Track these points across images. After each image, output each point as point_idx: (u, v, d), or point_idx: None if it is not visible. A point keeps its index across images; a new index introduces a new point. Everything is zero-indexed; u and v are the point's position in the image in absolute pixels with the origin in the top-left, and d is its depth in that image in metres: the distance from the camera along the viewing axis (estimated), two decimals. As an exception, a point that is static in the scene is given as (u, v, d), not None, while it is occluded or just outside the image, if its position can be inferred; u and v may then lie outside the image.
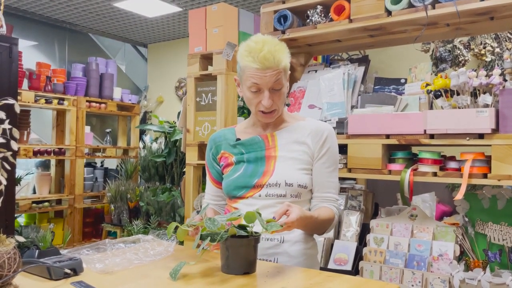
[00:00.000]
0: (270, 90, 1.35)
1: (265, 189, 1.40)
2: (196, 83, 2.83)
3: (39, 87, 4.40)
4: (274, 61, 1.32)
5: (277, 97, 1.37)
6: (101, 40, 5.80)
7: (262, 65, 1.32)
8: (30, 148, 4.26)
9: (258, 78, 1.33)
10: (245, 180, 1.42)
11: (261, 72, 1.32)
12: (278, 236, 1.38)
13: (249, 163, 1.43)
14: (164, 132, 4.98)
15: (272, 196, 1.40)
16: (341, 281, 1.15)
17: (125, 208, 4.63)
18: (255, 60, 1.32)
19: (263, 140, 1.45)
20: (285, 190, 1.39)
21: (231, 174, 1.46)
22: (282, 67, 1.35)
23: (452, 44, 3.37)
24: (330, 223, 1.42)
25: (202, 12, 2.84)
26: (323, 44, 2.49)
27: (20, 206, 4.24)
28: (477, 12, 1.93)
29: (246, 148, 1.46)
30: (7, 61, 2.94)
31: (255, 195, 1.41)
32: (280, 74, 1.34)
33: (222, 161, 1.50)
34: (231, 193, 1.45)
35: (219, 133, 1.56)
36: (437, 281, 1.89)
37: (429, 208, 2.66)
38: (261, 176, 1.40)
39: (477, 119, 1.79)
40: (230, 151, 1.48)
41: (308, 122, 1.48)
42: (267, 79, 1.33)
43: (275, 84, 1.34)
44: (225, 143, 1.50)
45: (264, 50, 1.32)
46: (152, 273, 1.18)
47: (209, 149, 1.55)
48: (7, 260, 0.97)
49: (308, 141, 1.43)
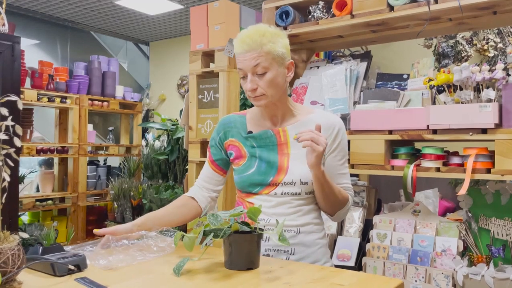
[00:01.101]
0: (253, 74, 1.35)
1: (280, 188, 1.40)
2: (198, 80, 2.83)
3: (41, 85, 4.41)
4: (252, 44, 1.32)
5: (262, 82, 1.35)
6: (103, 38, 5.80)
7: (241, 49, 1.34)
8: (33, 147, 4.27)
9: (240, 62, 1.36)
10: (260, 178, 1.42)
11: (242, 56, 1.35)
12: (294, 228, 1.40)
13: (262, 160, 1.43)
14: (166, 129, 4.98)
15: (287, 194, 1.41)
16: (345, 276, 1.15)
17: (128, 206, 4.64)
18: (238, 44, 1.35)
19: (275, 135, 1.44)
20: (300, 189, 1.40)
21: (244, 169, 1.45)
22: (265, 50, 1.33)
23: (455, 39, 3.35)
24: (345, 203, 1.42)
25: (203, 9, 2.84)
26: (325, 40, 2.48)
27: (24, 204, 4.26)
28: (480, 6, 1.92)
29: (258, 141, 1.45)
30: (10, 60, 2.95)
31: (271, 192, 1.41)
32: (261, 58, 1.33)
33: (231, 149, 1.50)
34: (246, 189, 1.45)
35: (230, 118, 1.54)
36: (440, 276, 1.88)
37: (432, 204, 2.65)
38: (275, 174, 1.41)
39: (480, 114, 1.78)
40: (241, 141, 1.48)
41: (317, 115, 1.47)
42: (247, 63, 1.34)
43: (256, 68, 1.34)
44: (236, 132, 1.49)
45: (245, 34, 1.34)
46: (155, 269, 1.18)
47: (217, 132, 1.53)
48: (11, 256, 0.98)
49: None
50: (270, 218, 1.40)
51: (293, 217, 1.40)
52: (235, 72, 2.67)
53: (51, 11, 4.88)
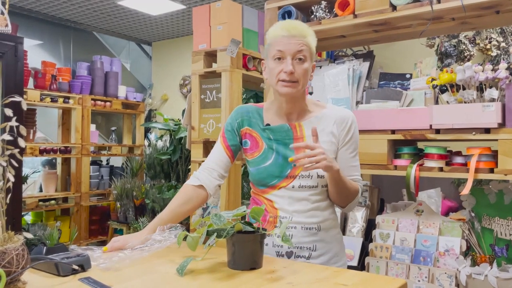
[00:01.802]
0: (293, 59, 1.38)
1: (298, 180, 1.43)
2: (200, 80, 2.83)
3: (44, 86, 4.42)
4: (301, 31, 1.39)
5: (300, 68, 1.39)
6: (106, 38, 5.81)
7: (288, 32, 1.38)
8: (36, 147, 4.28)
9: (283, 45, 1.38)
10: (278, 169, 1.44)
11: (287, 39, 1.38)
12: (315, 225, 1.43)
13: (279, 153, 1.45)
14: (169, 129, 4.99)
15: (304, 188, 1.43)
16: (348, 276, 1.15)
17: (131, 206, 4.65)
18: (282, 28, 1.40)
19: (291, 130, 1.46)
20: (317, 182, 1.43)
21: (260, 161, 1.46)
22: (308, 41, 1.39)
23: (457, 39, 3.34)
24: (356, 194, 1.47)
25: (206, 9, 2.84)
26: (327, 39, 2.48)
27: (27, 204, 4.27)
28: (482, 6, 1.91)
29: (275, 134, 1.47)
30: (13, 60, 2.96)
31: (289, 185, 1.43)
32: (305, 47, 1.39)
33: (247, 138, 1.51)
34: (263, 181, 1.46)
35: (248, 108, 1.55)
36: (443, 276, 1.88)
37: (435, 204, 2.65)
38: (292, 166, 1.43)
39: (483, 113, 1.78)
40: (259, 132, 1.49)
41: (331, 110, 1.50)
42: (292, 46, 1.37)
43: (299, 53, 1.38)
44: (254, 122, 1.51)
45: (293, 22, 1.42)
46: (159, 269, 1.19)
47: (234, 118, 1.54)
48: (16, 256, 0.98)
49: (334, 130, 1.46)
50: (292, 216, 1.43)
51: (312, 214, 1.43)
52: (237, 72, 2.68)
53: (54, 11, 4.90)
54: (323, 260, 1.44)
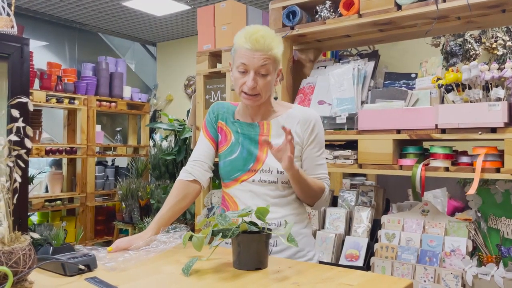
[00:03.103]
0: (256, 73, 1.40)
1: (259, 174, 1.47)
2: (205, 80, 2.83)
3: (50, 86, 4.44)
4: (265, 45, 1.38)
5: (262, 82, 1.41)
6: (111, 39, 5.84)
7: (253, 46, 1.38)
8: (42, 147, 4.31)
9: (246, 58, 1.39)
10: (242, 163, 1.49)
11: (250, 52, 1.39)
12: (275, 220, 1.45)
13: (244, 147, 1.50)
14: (174, 130, 5.00)
15: (264, 182, 1.47)
16: (353, 276, 1.15)
17: (136, 206, 4.66)
18: (247, 41, 1.39)
19: (259, 126, 1.51)
20: (276, 177, 1.47)
21: (227, 154, 1.52)
22: (272, 54, 1.40)
23: (463, 38, 3.33)
24: (321, 192, 1.50)
25: (210, 9, 2.84)
26: (332, 39, 2.48)
27: (33, 204, 4.29)
28: (488, 4, 1.90)
29: (242, 128, 1.52)
30: (19, 61, 2.97)
31: (249, 179, 1.48)
32: (269, 61, 1.40)
33: (219, 131, 1.57)
34: (227, 174, 1.51)
35: (224, 104, 1.61)
36: (449, 276, 1.87)
37: (440, 204, 2.64)
38: (255, 161, 1.48)
39: (489, 113, 1.77)
40: (229, 126, 1.55)
41: (296, 110, 1.54)
42: (255, 61, 1.39)
43: (262, 68, 1.40)
44: (226, 117, 1.57)
45: (258, 34, 1.39)
46: (164, 269, 1.19)
47: (212, 112, 1.59)
48: (22, 256, 0.99)
49: (297, 129, 1.49)
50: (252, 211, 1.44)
51: (272, 209, 1.42)
52: (242, 72, 2.67)
53: (59, 12, 4.92)
54: (286, 254, 1.45)
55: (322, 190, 1.50)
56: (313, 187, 1.47)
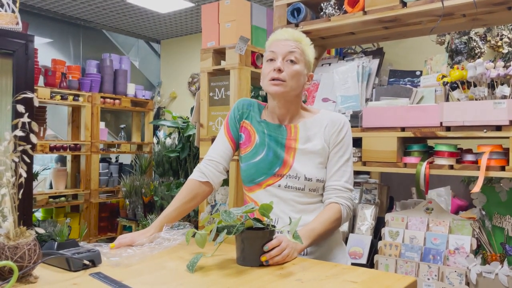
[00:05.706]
0: (284, 59, 1.39)
1: (285, 180, 1.41)
2: (209, 78, 2.83)
3: (54, 83, 4.46)
4: (294, 35, 1.42)
5: (289, 69, 1.39)
6: (115, 36, 5.84)
7: (281, 36, 1.42)
8: (46, 144, 4.32)
9: (275, 46, 1.41)
10: (267, 165, 1.42)
11: (279, 41, 1.41)
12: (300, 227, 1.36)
13: (270, 148, 1.43)
14: (177, 127, 5.00)
15: (291, 188, 1.41)
16: (357, 273, 1.15)
17: (139, 203, 4.67)
18: (277, 34, 1.44)
19: (286, 129, 1.45)
20: (304, 184, 1.41)
21: (251, 156, 1.46)
22: (301, 46, 1.41)
23: (468, 36, 3.31)
24: (339, 224, 1.41)
25: (214, 6, 2.84)
26: (337, 36, 2.47)
27: (38, 201, 4.31)
28: (494, 2, 1.89)
29: (269, 129, 1.46)
30: (23, 58, 2.98)
31: (275, 184, 1.42)
32: (297, 50, 1.40)
33: (243, 131, 1.50)
34: (251, 177, 1.45)
35: (251, 101, 1.54)
36: (453, 274, 1.87)
37: (444, 203, 2.63)
38: (281, 165, 1.41)
39: (494, 111, 1.76)
40: (254, 126, 1.48)
41: (323, 114, 1.49)
42: (283, 47, 1.40)
43: (290, 54, 1.39)
44: (252, 115, 1.50)
45: (290, 29, 1.45)
46: (169, 265, 1.19)
47: (236, 109, 1.53)
48: (28, 251, 0.99)
49: (326, 133, 1.44)
50: (278, 218, 1.41)
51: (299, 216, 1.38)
52: (246, 69, 2.68)
53: (64, 9, 4.93)
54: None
55: (339, 219, 1.39)
56: (329, 230, 1.38)
